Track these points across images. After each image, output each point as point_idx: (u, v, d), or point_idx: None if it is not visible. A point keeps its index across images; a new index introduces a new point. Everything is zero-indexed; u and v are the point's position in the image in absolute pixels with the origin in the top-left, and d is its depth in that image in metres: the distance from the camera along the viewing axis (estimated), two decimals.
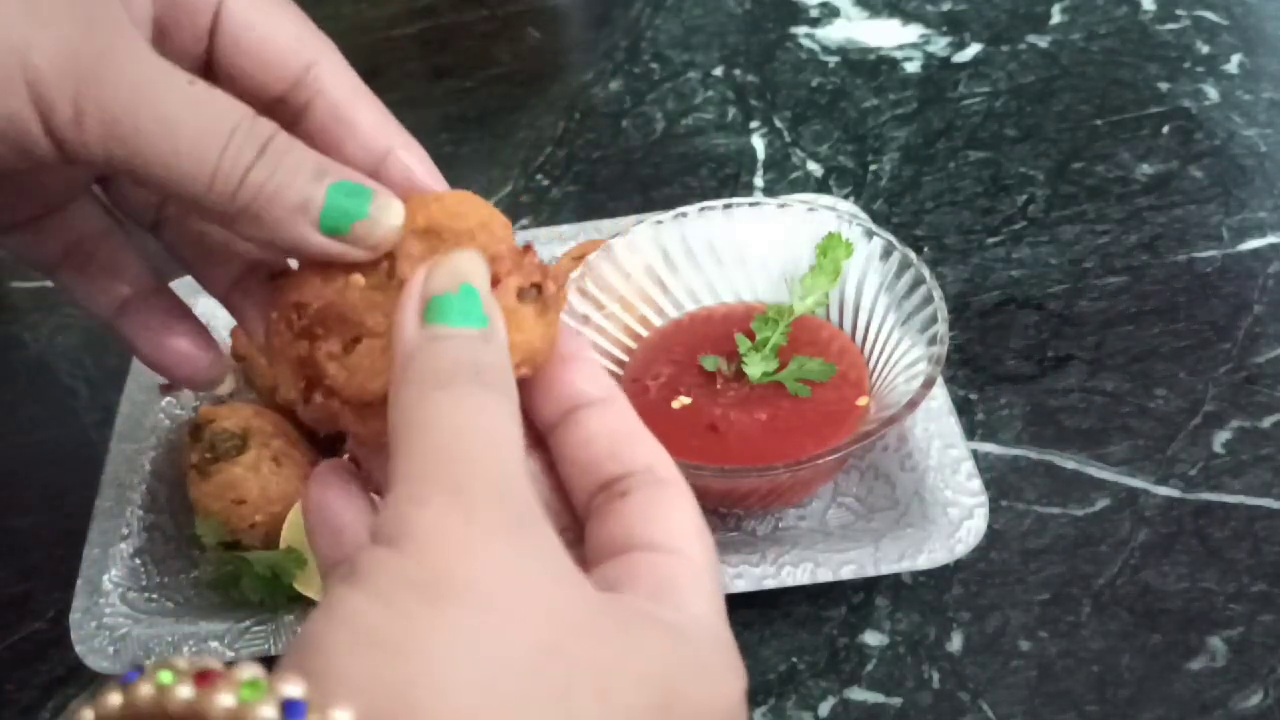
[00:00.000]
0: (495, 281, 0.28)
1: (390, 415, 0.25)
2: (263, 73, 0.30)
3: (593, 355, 0.30)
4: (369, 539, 0.23)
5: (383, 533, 0.23)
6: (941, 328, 0.53)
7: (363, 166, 0.29)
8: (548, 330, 0.29)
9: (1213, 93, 0.81)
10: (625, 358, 0.59)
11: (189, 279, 0.34)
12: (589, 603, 0.23)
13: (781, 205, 0.60)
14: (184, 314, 0.34)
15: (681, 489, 0.28)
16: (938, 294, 0.54)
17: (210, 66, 0.30)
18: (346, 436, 0.33)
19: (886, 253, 0.57)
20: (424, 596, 0.21)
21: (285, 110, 0.30)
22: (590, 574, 0.27)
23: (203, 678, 0.19)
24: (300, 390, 0.29)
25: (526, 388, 0.28)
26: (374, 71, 0.94)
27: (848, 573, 0.51)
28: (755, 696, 0.51)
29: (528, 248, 0.29)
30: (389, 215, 0.28)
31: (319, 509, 0.29)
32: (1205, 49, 0.84)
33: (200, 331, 0.34)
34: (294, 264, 0.30)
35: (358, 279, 0.28)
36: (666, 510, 0.27)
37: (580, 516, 0.29)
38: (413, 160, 0.30)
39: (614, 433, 0.29)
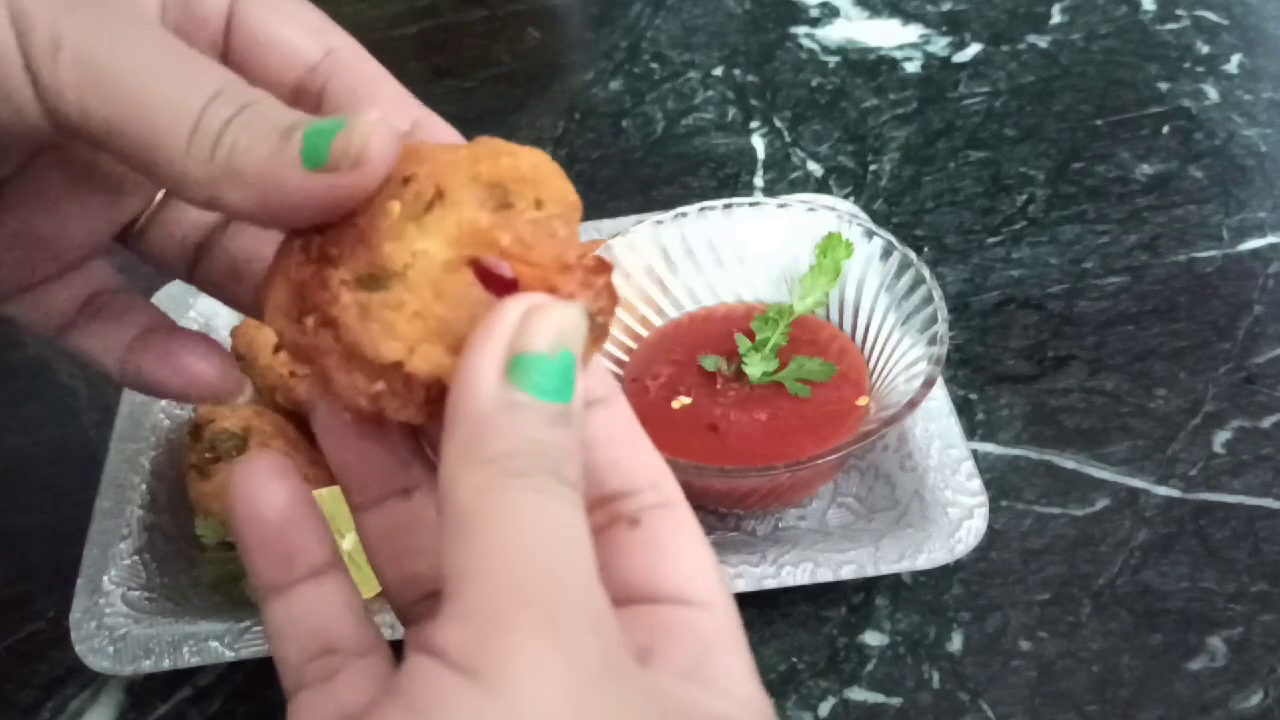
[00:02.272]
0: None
1: (451, 490, 0.22)
2: (280, 63, 0.28)
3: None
4: (425, 649, 0.20)
5: (456, 655, 0.20)
6: (941, 328, 0.53)
7: None
8: (587, 360, 0.25)
9: (1213, 93, 0.81)
10: (625, 358, 0.59)
11: (170, 287, 0.33)
12: None
13: (781, 205, 0.60)
14: (188, 336, 0.32)
15: (688, 512, 0.27)
16: (938, 294, 0.54)
17: (226, 62, 0.29)
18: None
19: (886, 253, 0.57)
20: None
21: (304, 98, 0.28)
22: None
23: None
24: (290, 311, 0.25)
25: None
26: None
27: (848, 573, 0.51)
28: None
29: (603, 264, 0.25)
30: (363, 121, 0.24)
31: (259, 524, 0.25)
32: (1205, 49, 0.84)
33: (211, 346, 0.32)
34: None
35: (393, 205, 0.24)
36: (684, 546, 0.26)
37: None
38: (441, 132, 0.28)
39: (614, 438, 0.27)
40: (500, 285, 0.24)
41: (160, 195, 0.32)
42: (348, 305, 0.24)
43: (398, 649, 0.25)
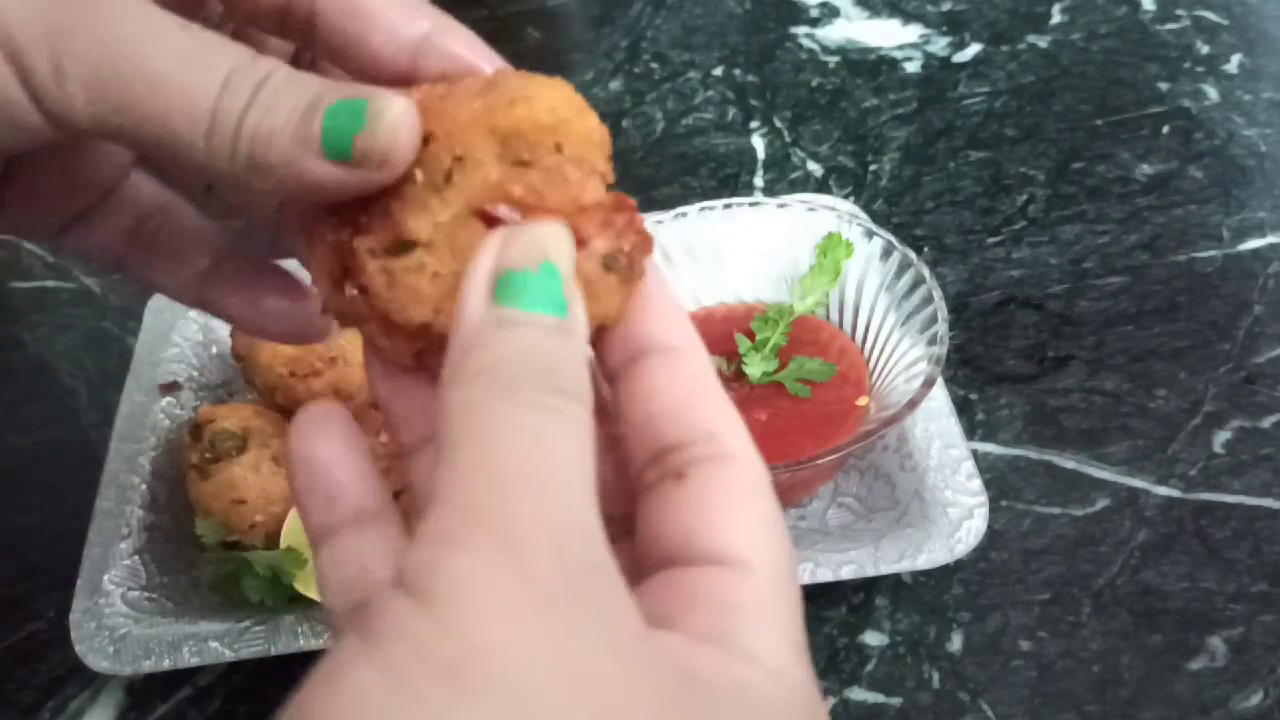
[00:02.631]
0: (580, 242, 0.24)
1: (442, 410, 0.21)
2: None
3: (673, 295, 0.26)
4: (392, 576, 0.19)
5: (410, 577, 0.19)
6: (941, 328, 0.53)
7: (397, 65, 0.25)
8: (625, 302, 0.24)
9: (1213, 93, 0.81)
10: None
11: None
12: (654, 692, 0.19)
13: (781, 205, 0.60)
14: (270, 270, 0.30)
15: (750, 463, 0.24)
16: (938, 294, 0.54)
17: None
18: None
19: (886, 253, 0.57)
20: (451, 681, 0.17)
21: (294, 22, 0.26)
22: (640, 592, 0.23)
23: None
24: (333, 277, 0.25)
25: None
26: None
27: (848, 573, 0.51)
28: None
29: (623, 201, 0.25)
30: (386, 118, 0.23)
31: (307, 465, 0.25)
32: (1205, 49, 0.84)
33: (292, 284, 0.30)
34: None
35: (416, 173, 0.24)
36: (731, 501, 0.23)
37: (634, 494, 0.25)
38: (453, 41, 0.26)
39: (681, 389, 0.24)
40: None
41: None
42: (374, 273, 0.24)
43: None
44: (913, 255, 0.56)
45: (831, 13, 0.92)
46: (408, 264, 0.24)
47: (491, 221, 0.24)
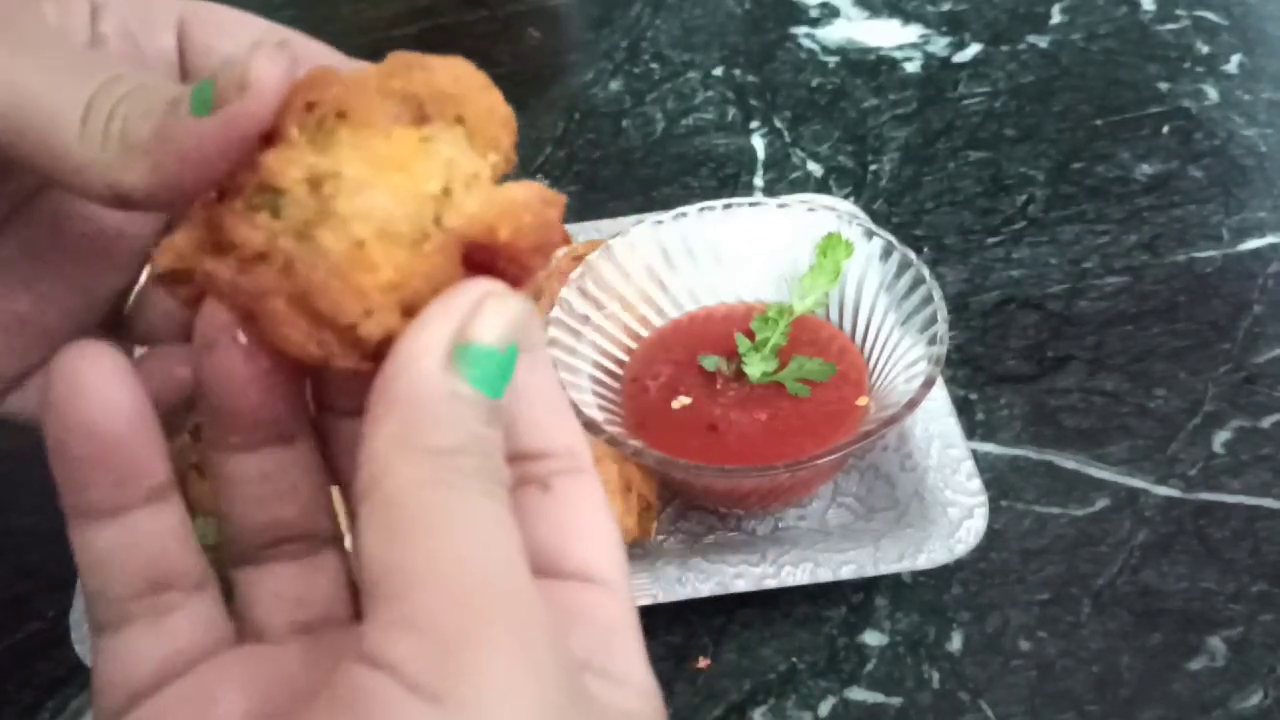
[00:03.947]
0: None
1: (383, 475, 0.20)
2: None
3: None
4: (371, 661, 0.18)
5: (415, 674, 0.18)
6: (941, 328, 0.53)
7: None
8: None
9: (1213, 93, 0.81)
10: (625, 358, 0.59)
11: None
12: None
13: (781, 205, 0.60)
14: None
15: (597, 482, 0.25)
16: (938, 294, 0.54)
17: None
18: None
19: (886, 253, 0.57)
20: None
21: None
22: None
23: None
24: (205, 251, 0.23)
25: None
26: None
27: (848, 573, 0.51)
28: (755, 696, 0.51)
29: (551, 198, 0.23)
30: (246, 56, 0.22)
31: (88, 432, 0.21)
32: (1205, 49, 0.84)
33: None
34: None
35: (292, 131, 0.22)
36: (593, 517, 0.24)
37: None
38: (318, 53, 0.26)
39: (534, 392, 0.24)
40: (478, 265, 0.23)
41: (147, 271, 0.30)
42: (297, 249, 0.21)
43: None
44: (913, 255, 0.56)
45: (831, 13, 0.92)
46: (358, 259, 0.21)
47: (471, 260, 0.22)
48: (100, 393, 0.21)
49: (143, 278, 0.30)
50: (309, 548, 0.25)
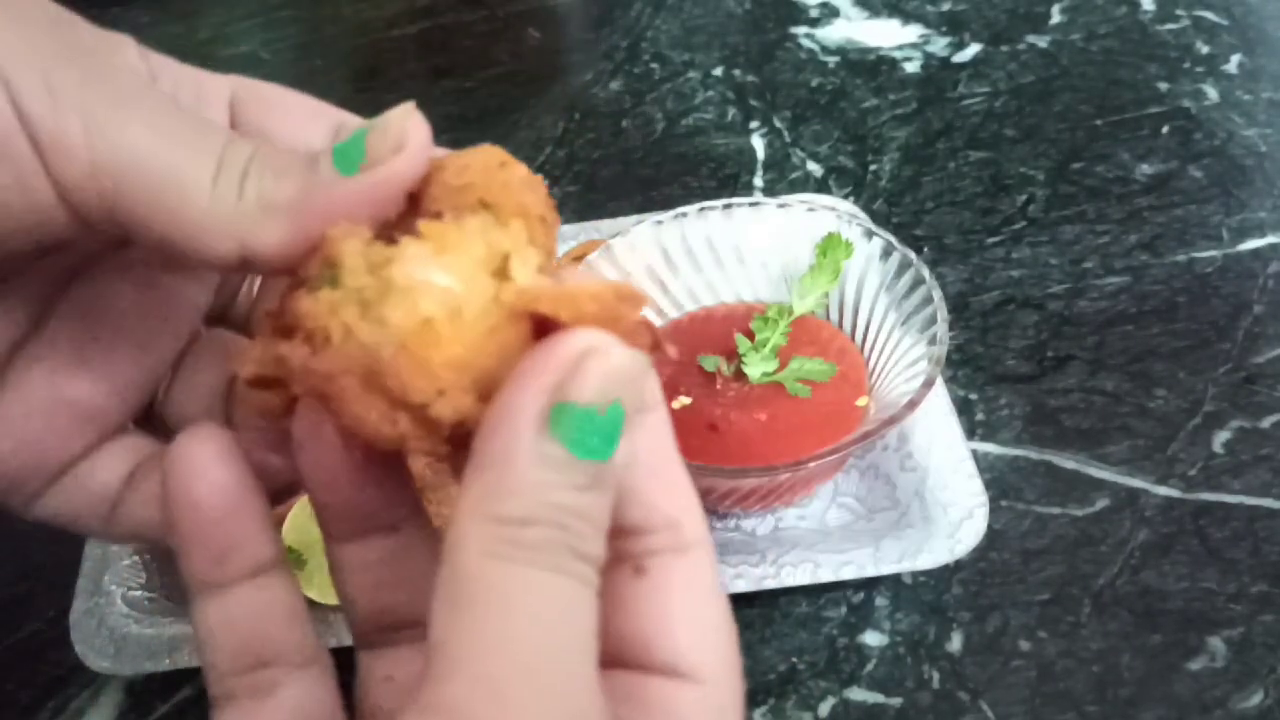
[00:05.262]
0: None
1: (456, 544, 0.19)
2: None
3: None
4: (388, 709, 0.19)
5: None
6: (941, 328, 0.53)
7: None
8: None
9: (1213, 93, 0.81)
10: None
11: None
12: None
13: (781, 205, 0.60)
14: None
15: (707, 554, 0.23)
16: (938, 294, 0.54)
17: None
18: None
19: (886, 253, 0.57)
20: None
21: None
22: None
23: None
24: (279, 337, 0.23)
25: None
26: (374, 71, 0.94)
27: (848, 573, 0.51)
28: (755, 696, 0.51)
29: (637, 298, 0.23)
30: (389, 114, 0.22)
31: (192, 511, 0.22)
32: (1205, 49, 0.84)
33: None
34: None
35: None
36: (690, 604, 0.22)
37: None
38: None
39: (642, 459, 0.22)
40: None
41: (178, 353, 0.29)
42: (363, 326, 0.21)
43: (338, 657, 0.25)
44: (913, 255, 0.56)
45: (831, 13, 0.92)
46: (424, 337, 0.21)
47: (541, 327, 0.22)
48: (204, 473, 0.22)
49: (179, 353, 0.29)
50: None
